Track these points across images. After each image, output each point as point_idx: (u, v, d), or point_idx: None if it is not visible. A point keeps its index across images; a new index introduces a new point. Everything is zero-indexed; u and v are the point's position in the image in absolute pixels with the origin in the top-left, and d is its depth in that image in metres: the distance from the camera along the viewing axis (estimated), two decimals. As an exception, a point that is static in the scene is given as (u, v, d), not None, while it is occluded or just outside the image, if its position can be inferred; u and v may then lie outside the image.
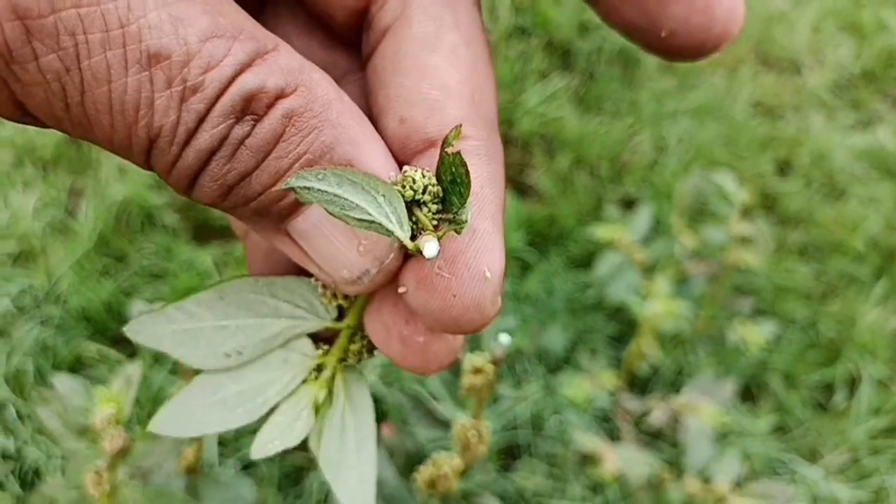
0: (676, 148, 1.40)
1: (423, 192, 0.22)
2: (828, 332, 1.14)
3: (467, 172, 0.20)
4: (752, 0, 1.73)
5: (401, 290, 0.22)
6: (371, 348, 0.27)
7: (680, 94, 1.51)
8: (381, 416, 0.95)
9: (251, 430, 0.83)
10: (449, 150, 0.20)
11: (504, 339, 0.43)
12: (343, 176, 0.20)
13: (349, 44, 0.25)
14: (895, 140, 1.45)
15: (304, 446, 0.89)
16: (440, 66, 0.21)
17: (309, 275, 0.25)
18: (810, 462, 0.98)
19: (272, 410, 0.25)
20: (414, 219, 0.22)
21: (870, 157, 1.42)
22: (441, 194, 0.22)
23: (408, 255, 0.22)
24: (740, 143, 1.43)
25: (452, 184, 0.21)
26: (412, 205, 0.22)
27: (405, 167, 0.22)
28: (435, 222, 0.22)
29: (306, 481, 0.86)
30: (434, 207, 0.22)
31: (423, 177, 0.22)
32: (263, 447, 0.24)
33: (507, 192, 1.28)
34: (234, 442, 0.88)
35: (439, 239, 0.21)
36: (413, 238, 0.22)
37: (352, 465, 0.24)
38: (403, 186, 0.21)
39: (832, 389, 1.08)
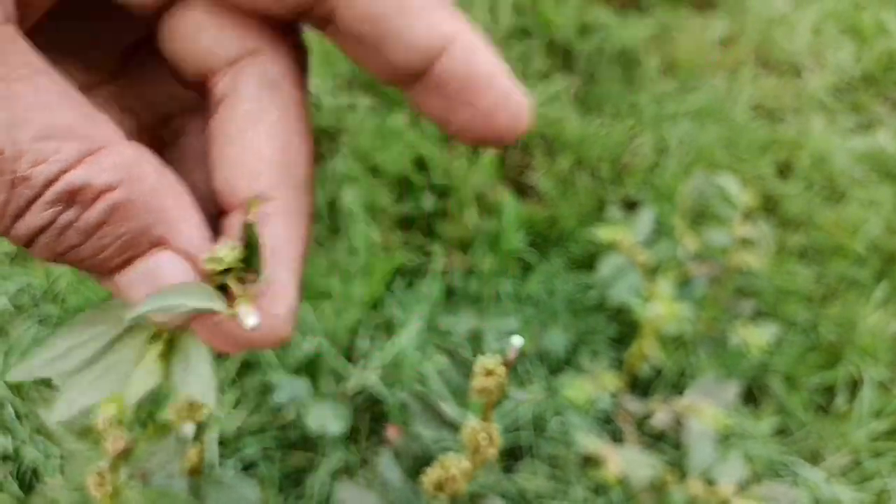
0: (677, 150, 1.39)
1: (231, 262, 0.26)
2: (828, 335, 1.14)
3: (259, 243, 0.25)
4: (753, 2, 1.73)
5: (214, 321, 0.27)
6: None
7: (680, 96, 1.51)
8: (382, 417, 0.95)
9: (251, 431, 0.82)
10: (249, 217, 0.25)
11: (516, 340, 0.43)
12: (163, 294, 0.25)
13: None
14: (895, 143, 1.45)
15: (305, 447, 0.88)
16: (259, 139, 0.26)
17: None
18: (812, 464, 0.97)
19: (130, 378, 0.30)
20: (224, 284, 0.26)
21: (870, 161, 1.42)
22: (244, 257, 0.26)
23: None
24: (741, 146, 1.43)
25: (250, 247, 0.26)
26: (222, 273, 0.26)
27: (213, 246, 0.26)
28: (242, 282, 0.26)
29: (307, 482, 0.86)
30: (240, 266, 0.26)
31: (231, 249, 0.26)
32: (131, 400, 0.29)
33: (509, 193, 1.27)
34: (234, 442, 0.87)
35: (246, 297, 0.26)
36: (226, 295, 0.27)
37: (195, 380, 0.30)
38: (214, 261, 0.26)
39: (833, 392, 1.08)
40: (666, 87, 1.53)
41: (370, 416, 0.94)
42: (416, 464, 0.54)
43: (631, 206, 1.27)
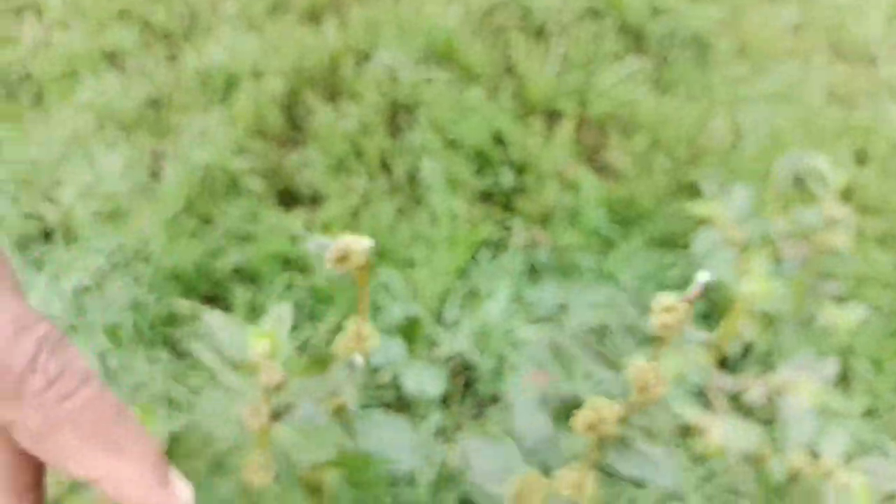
0: (752, 133, 1.38)
1: None
2: (911, 321, 1.13)
3: None
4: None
5: None
6: None
7: (753, 80, 1.50)
8: (473, 383, 0.96)
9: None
10: None
11: (702, 276, 0.43)
12: None
13: None
14: (974, 133, 1.43)
15: (399, 407, 0.88)
16: None
17: None
18: (902, 446, 0.97)
19: None
20: None
21: (949, 149, 1.41)
22: None
23: None
24: (816, 131, 1.42)
25: None
26: None
27: None
28: None
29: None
30: None
31: None
32: None
33: (586, 171, 1.27)
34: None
35: None
36: None
37: None
38: None
39: (919, 376, 1.07)
40: (739, 71, 1.52)
41: (463, 382, 0.95)
42: (566, 407, 0.55)
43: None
